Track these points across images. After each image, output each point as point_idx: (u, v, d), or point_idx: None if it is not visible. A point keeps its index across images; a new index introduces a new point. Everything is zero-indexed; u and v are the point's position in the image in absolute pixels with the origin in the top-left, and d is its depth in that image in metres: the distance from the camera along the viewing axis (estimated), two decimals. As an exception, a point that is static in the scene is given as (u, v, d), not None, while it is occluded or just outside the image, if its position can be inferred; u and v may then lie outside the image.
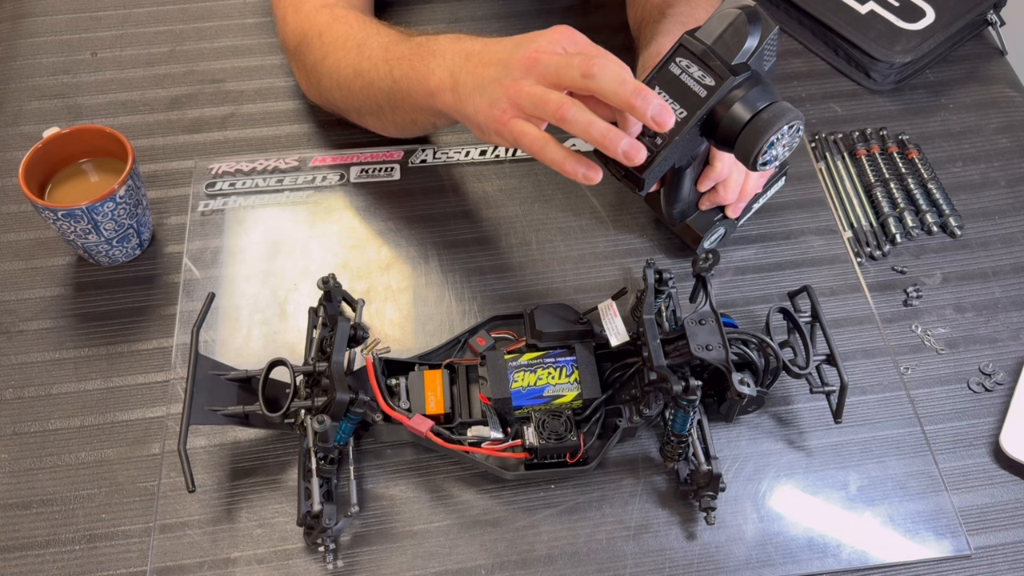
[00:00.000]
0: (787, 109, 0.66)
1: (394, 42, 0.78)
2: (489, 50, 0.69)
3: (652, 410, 0.70)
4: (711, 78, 0.66)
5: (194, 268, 0.83)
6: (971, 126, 0.97)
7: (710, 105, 0.66)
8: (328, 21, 0.84)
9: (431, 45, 0.74)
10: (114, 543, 0.69)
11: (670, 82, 0.67)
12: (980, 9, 1.00)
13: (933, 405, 0.77)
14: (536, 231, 0.86)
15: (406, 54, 0.76)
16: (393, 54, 0.77)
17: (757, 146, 0.66)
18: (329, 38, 0.83)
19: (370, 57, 0.79)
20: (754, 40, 0.66)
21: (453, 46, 0.73)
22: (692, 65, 0.67)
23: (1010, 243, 0.88)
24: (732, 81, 0.65)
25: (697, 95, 0.66)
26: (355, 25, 0.82)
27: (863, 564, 0.69)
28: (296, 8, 0.87)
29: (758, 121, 0.65)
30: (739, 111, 0.66)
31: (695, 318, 0.70)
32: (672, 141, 0.66)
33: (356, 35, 0.81)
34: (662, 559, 0.68)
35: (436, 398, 0.71)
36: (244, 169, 0.89)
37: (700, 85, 0.66)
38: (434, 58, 0.73)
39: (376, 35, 0.80)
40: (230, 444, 0.73)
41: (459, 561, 0.68)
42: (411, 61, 0.75)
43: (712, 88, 0.66)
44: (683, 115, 0.66)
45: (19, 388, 0.76)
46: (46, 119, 0.93)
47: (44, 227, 0.85)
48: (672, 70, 0.68)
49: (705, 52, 0.66)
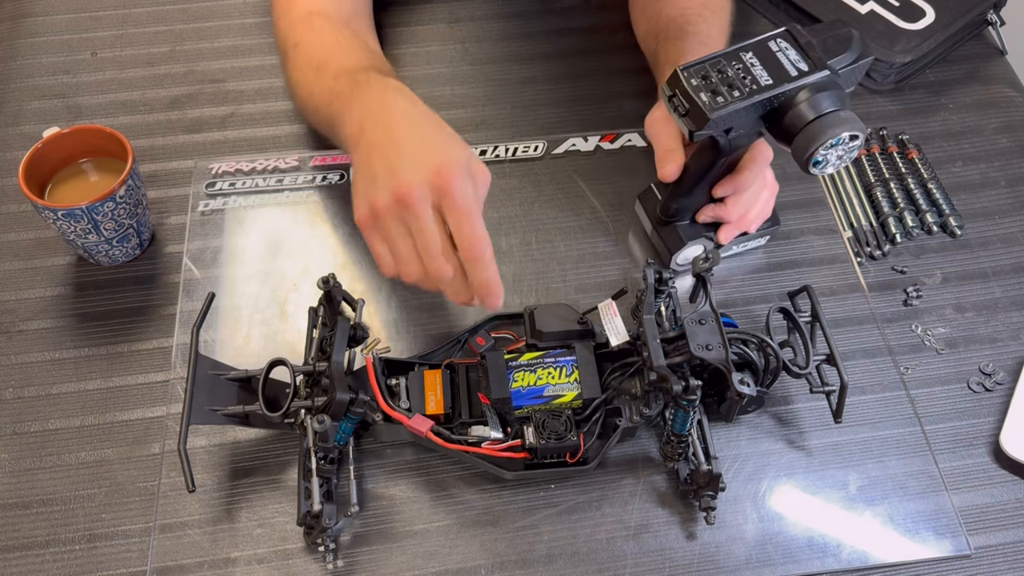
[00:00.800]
0: (855, 119, 0.66)
1: (344, 73, 0.77)
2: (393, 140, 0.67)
3: (652, 410, 0.70)
4: (806, 64, 0.67)
5: (194, 268, 0.83)
6: (971, 126, 0.97)
7: (798, 84, 0.67)
8: (303, 33, 0.84)
9: (359, 91, 0.72)
10: (114, 543, 0.69)
11: (765, 55, 0.68)
12: (980, 9, 1.00)
13: (933, 405, 0.77)
14: (536, 231, 0.86)
15: (343, 91, 0.74)
16: (337, 87, 0.76)
17: (817, 142, 0.66)
18: (300, 52, 0.83)
19: (321, 83, 0.78)
20: (852, 56, 0.68)
21: (375, 100, 0.71)
22: (791, 49, 0.68)
23: (1010, 243, 0.88)
24: (824, 73, 0.67)
25: (788, 72, 0.67)
26: (323, 43, 0.82)
27: (863, 564, 0.69)
28: (286, 12, 0.87)
29: (825, 120, 0.66)
30: (812, 105, 0.67)
31: (695, 318, 0.70)
32: (749, 99, 0.67)
33: (318, 55, 0.81)
34: (662, 559, 0.68)
35: (436, 398, 0.71)
36: (244, 169, 0.89)
37: (793, 66, 0.67)
38: (354, 106, 0.71)
39: (336, 59, 0.79)
40: (230, 444, 0.73)
41: (459, 561, 0.68)
42: (342, 99, 0.74)
43: (804, 72, 0.67)
44: (768, 83, 0.67)
45: (19, 388, 0.76)
46: (46, 119, 0.93)
47: (44, 227, 0.85)
48: (770, 46, 0.69)
49: (809, 44, 0.68)
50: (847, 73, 0.69)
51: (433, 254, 0.64)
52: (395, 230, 0.65)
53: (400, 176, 0.64)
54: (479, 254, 0.63)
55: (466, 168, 0.65)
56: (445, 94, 0.97)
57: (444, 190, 0.63)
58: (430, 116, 0.70)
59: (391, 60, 0.92)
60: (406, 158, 0.65)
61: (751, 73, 0.67)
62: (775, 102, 0.67)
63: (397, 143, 0.66)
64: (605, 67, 1.00)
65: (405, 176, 0.64)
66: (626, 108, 0.96)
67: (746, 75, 0.67)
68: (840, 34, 0.69)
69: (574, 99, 0.97)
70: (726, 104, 0.66)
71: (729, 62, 0.68)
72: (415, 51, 1.01)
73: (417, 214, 0.63)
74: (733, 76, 0.67)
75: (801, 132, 0.67)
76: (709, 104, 0.66)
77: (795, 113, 0.67)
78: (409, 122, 0.68)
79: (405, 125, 0.68)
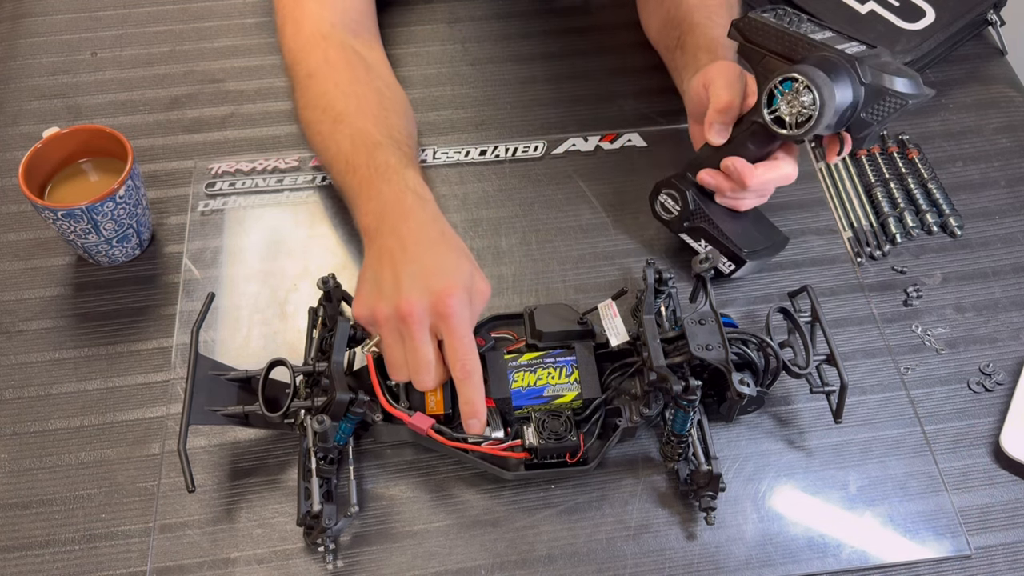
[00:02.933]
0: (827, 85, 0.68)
1: (362, 142, 0.78)
2: (405, 251, 0.69)
3: (652, 410, 0.70)
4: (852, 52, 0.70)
5: (194, 268, 0.83)
6: (971, 126, 0.97)
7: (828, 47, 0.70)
8: (319, 64, 0.83)
9: (378, 185, 0.74)
10: (114, 543, 0.69)
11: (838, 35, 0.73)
12: (980, 9, 1.00)
13: (933, 405, 0.77)
14: (536, 231, 0.86)
15: (361, 168, 0.76)
16: (354, 159, 0.77)
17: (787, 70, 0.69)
18: (314, 91, 0.83)
19: (337, 143, 0.79)
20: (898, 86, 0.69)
21: (393, 203, 0.72)
22: (859, 46, 0.72)
23: (1010, 243, 0.88)
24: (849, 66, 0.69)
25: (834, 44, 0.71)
26: (340, 89, 0.82)
27: (863, 564, 0.69)
28: (297, 25, 0.86)
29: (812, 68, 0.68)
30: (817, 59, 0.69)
31: (695, 318, 0.70)
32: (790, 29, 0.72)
33: (336, 106, 0.81)
34: (662, 559, 0.68)
35: (436, 398, 0.71)
36: (244, 169, 0.89)
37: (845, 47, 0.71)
38: (373, 200, 0.73)
39: (353, 117, 0.80)
40: (230, 444, 0.73)
41: (459, 561, 0.68)
42: (359, 182, 0.75)
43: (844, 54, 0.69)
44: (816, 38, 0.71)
45: (19, 388, 0.76)
46: (46, 119, 0.93)
47: (44, 227, 0.85)
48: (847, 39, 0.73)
49: (874, 52, 0.71)
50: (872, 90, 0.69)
51: (421, 370, 0.67)
52: (389, 337, 0.67)
53: (404, 295, 0.66)
54: (468, 375, 0.66)
55: (468, 290, 0.67)
56: (445, 94, 0.97)
57: (444, 316, 0.65)
58: (442, 230, 0.72)
59: (391, 60, 0.92)
60: (415, 277, 0.67)
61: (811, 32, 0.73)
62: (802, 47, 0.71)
63: (408, 258, 0.68)
64: (605, 67, 1.00)
65: (409, 296, 0.66)
66: (626, 108, 0.96)
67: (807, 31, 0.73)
68: (906, 71, 0.70)
69: (574, 99, 0.97)
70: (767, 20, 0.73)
71: (808, 22, 0.74)
72: (415, 51, 1.01)
73: (413, 333, 0.66)
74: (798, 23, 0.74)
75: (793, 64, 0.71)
76: (757, 13, 0.74)
77: (802, 57, 0.71)
78: (422, 237, 0.70)
79: (418, 240, 0.70)
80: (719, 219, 0.80)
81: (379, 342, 0.68)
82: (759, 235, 0.82)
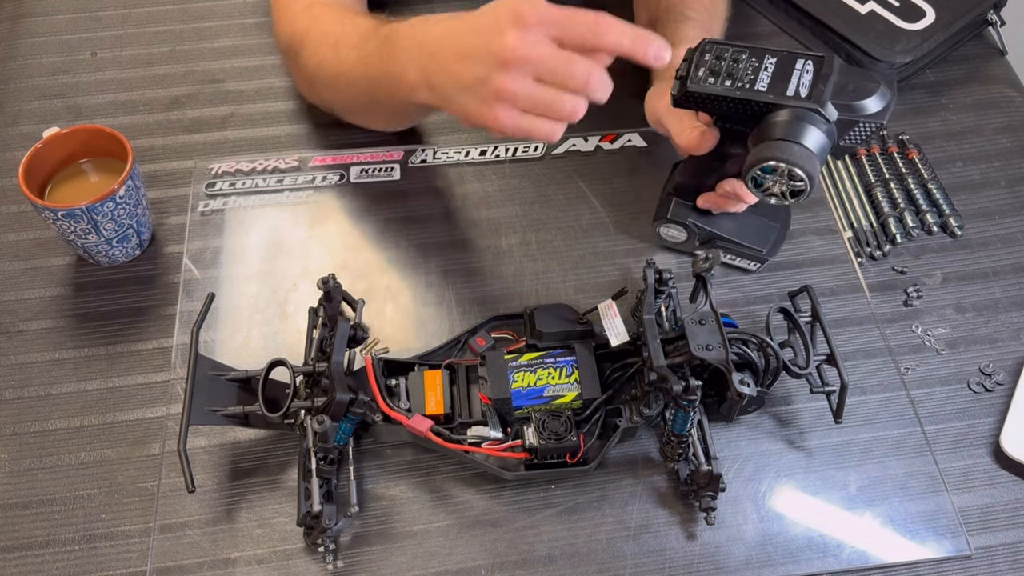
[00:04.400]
0: (805, 159, 0.65)
1: (364, 38, 0.77)
2: (452, 41, 0.67)
3: (652, 410, 0.70)
4: (807, 93, 0.66)
5: (194, 268, 0.83)
6: (971, 126, 0.97)
7: (781, 103, 0.66)
8: (308, 22, 0.84)
9: (394, 39, 0.73)
10: (114, 543, 0.69)
11: (784, 67, 0.68)
12: (980, 9, 1.00)
13: (933, 405, 0.77)
14: (536, 231, 0.86)
15: (374, 51, 0.75)
16: (365, 52, 0.76)
17: (757, 160, 0.66)
18: (310, 39, 0.83)
19: (346, 58, 0.79)
20: (867, 109, 0.67)
21: (413, 38, 0.71)
22: (810, 74, 0.67)
23: (1010, 243, 0.88)
24: (813, 114, 0.66)
25: (785, 89, 0.67)
26: (331, 22, 0.82)
27: (863, 564, 0.69)
28: (286, 9, 0.87)
29: (777, 144, 0.66)
30: (782, 126, 0.66)
31: (695, 318, 0.70)
32: (728, 93, 0.68)
33: (332, 32, 0.81)
34: (662, 559, 0.68)
35: (436, 398, 0.71)
36: (244, 169, 0.89)
37: (795, 87, 0.67)
38: (400, 55, 0.72)
39: (348, 32, 0.80)
40: (230, 444, 0.73)
41: (459, 561, 0.68)
42: (381, 59, 0.74)
43: (797, 96, 0.66)
44: (760, 90, 0.67)
45: (19, 388, 0.76)
46: (46, 119, 0.93)
47: (44, 227, 0.85)
48: (796, 63, 0.68)
49: (826, 76, 0.67)
50: (843, 122, 0.67)
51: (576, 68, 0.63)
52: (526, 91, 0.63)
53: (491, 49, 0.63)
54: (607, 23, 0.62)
55: None
56: (445, 94, 0.97)
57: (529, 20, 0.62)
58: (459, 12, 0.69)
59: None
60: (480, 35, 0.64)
61: (757, 75, 0.68)
62: (754, 108, 0.67)
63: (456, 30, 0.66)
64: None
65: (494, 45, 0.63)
66: (626, 108, 0.96)
67: (751, 74, 0.68)
68: (867, 86, 0.67)
69: (574, 99, 0.97)
70: (708, 87, 0.68)
71: (749, 57, 0.69)
72: (415, 51, 1.01)
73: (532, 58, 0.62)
74: (740, 70, 0.68)
75: (755, 149, 0.67)
76: (695, 79, 0.68)
77: (765, 125, 0.67)
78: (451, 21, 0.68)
79: (451, 26, 0.68)
80: (727, 231, 0.81)
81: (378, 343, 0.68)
82: (766, 223, 0.82)
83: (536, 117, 0.65)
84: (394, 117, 0.84)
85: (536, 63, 0.63)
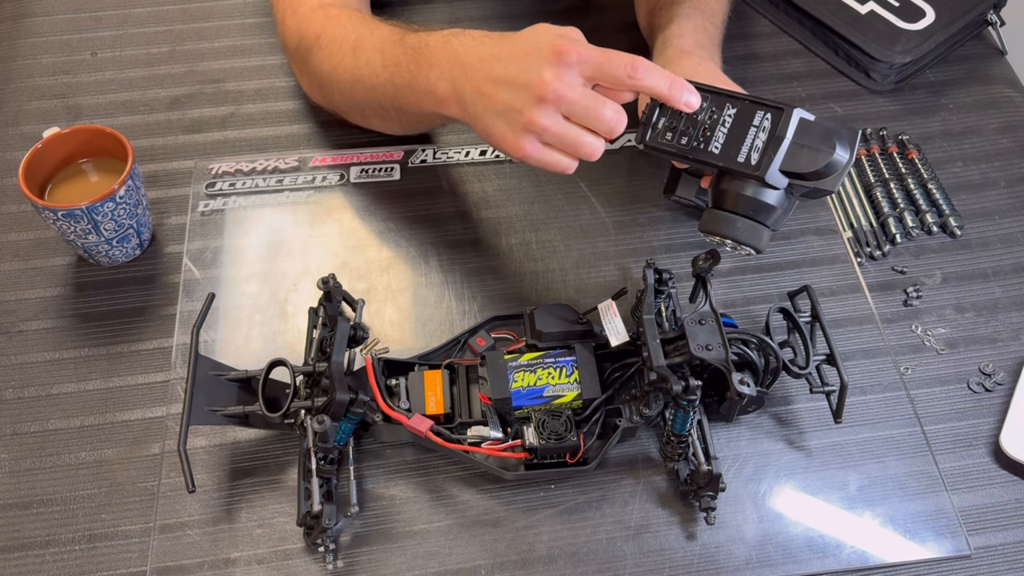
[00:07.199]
0: (752, 232, 0.64)
1: (388, 45, 0.77)
2: (490, 66, 0.68)
3: (652, 410, 0.70)
4: (756, 160, 0.64)
5: (194, 268, 0.83)
6: (971, 126, 0.97)
7: (727, 168, 0.65)
8: (322, 23, 0.83)
9: (424, 52, 0.73)
10: (114, 543, 0.69)
11: (742, 119, 0.65)
12: (980, 9, 1.00)
13: (933, 405, 0.77)
14: (536, 231, 0.86)
15: (402, 60, 0.75)
16: (390, 59, 0.76)
17: (709, 230, 0.66)
18: (325, 41, 0.83)
19: (367, 63, 0.78)
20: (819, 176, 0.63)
21: (445, 52, 0.71)
22: (765, 133, 0.64)
23: (1010, 243, 0.88)
24: (756, 183, 0.64)
25: (735, 152, 0.64)
26: (348, 26, 0.82)
27: (863, 564, 0.69)
28: (294, 10, 0.87)
29: (730, 218, 0.65)
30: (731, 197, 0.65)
31: (695, 318, 0.70)
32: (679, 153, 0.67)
33: (350, 37, 0.81)
34: (662, 559, 0.68)
35: (436, 398, 0.71)
36: (244, 169, 0.89)
37: (746, 150, 0.64)
38: (431, 68, 0.72)
39: (369, 36, 0.80)
40: (230, 444, 0.73)
41: (459, 561, 0.68)
42: (409, 69, 0.74)
43: (747, 164, 0.64)
44: (713, 151, 0.65)
45: (19, 388, 0.76)
46: (46, 119, 0.93)
47: (44, 227, 0.85)
48: (754, 117, 0.65)
49: (777, 140, 0.63)
50: (795, 187, 0.65)
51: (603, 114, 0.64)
52: (555, 128, 0.65)
53: (530, 82, 0.64)
54: (641, 66, 0.64)
55: (563, 34, 0.66)
56: (445, 94, 0.97)
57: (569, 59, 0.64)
58: (494, 33, 0.70)
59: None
60: (519, 64, 0.65)
61: (714, 131, 0.66)
62: (705, 168, 0.67)
63: (494, 53, 0.67)
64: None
65: (534, 79, 0.64)
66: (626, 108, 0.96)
67: (709, 129, 0.66)
68: (821, 152, 0.62)
69: (574, 99, 0.97)
70: (665, 144, 0.67)
71: (709, 106, 0.66)
72: (415, 51, 1.01)
73: (567, 99, 0.64)
74: (698, 124, 0.66)
75: (712, 196, 0.67)
76: (650, 135, 0.68)
77: (717, 185, 0.66)
78: (491, 44, 0.69)
79: (491, 50, 0.68)
80: None
81: (378, 343, 0.68)
82: None
83: (557, 151, 0.67)
84: (412, 125, 0.84)
85: (569, 104, 0.65)
